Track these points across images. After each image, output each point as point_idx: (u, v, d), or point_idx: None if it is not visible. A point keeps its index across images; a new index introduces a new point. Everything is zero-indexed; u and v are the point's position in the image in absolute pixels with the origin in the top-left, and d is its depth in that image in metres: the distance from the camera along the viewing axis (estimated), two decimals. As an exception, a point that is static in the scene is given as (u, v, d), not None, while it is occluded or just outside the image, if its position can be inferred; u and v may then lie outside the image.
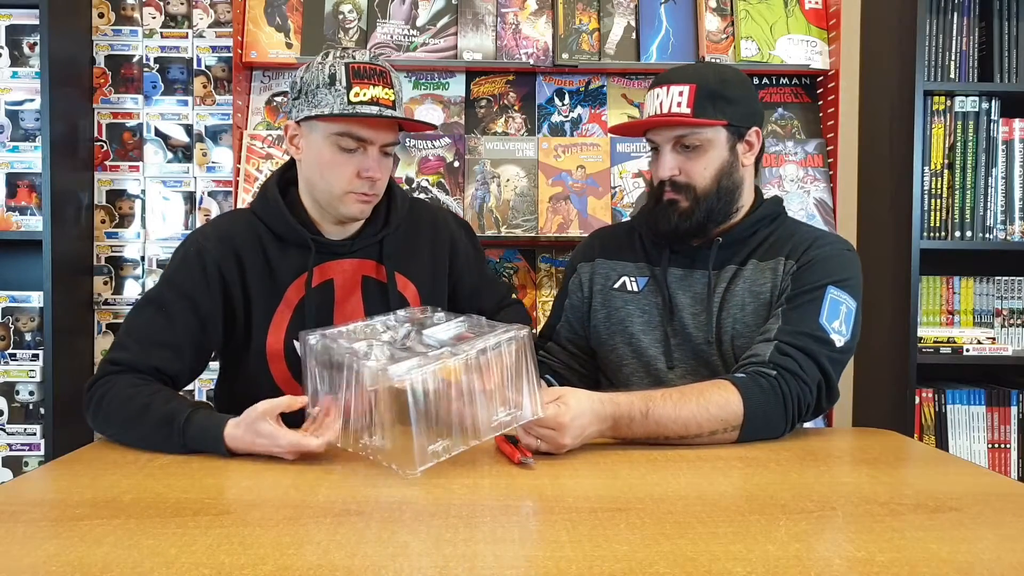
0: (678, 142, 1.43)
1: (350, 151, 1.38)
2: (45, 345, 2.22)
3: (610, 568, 0.76)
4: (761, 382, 1.28)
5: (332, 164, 1.39)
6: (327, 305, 1.47)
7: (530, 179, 2.31)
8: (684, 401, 1.24)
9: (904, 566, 0.77)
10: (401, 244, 1.53)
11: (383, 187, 1.45)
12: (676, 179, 1.45)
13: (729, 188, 1.45)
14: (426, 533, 0.87)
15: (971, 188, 2.30)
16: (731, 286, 1.46)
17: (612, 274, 1.58)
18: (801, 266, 1.41)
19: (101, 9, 2.46)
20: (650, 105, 1.46)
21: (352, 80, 1.35)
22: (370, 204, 1.45)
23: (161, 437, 1.23)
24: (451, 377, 1.07)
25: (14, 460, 2.28)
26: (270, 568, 0.76)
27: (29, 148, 2.30)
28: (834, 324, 1.35)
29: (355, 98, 1.34)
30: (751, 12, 2.37)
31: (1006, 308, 2.38)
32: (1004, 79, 2.31)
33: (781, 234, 1.49)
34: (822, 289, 1.37)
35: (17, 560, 0.79)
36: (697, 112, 1.40)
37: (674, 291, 1.50)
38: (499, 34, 2.35)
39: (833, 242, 1.46)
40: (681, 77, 1.43)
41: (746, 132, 1.47)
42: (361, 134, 1.37)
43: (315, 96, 1.36)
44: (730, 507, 0.96)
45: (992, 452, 2.30)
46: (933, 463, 1.24)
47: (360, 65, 1.36)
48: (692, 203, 1.44)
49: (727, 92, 1.43)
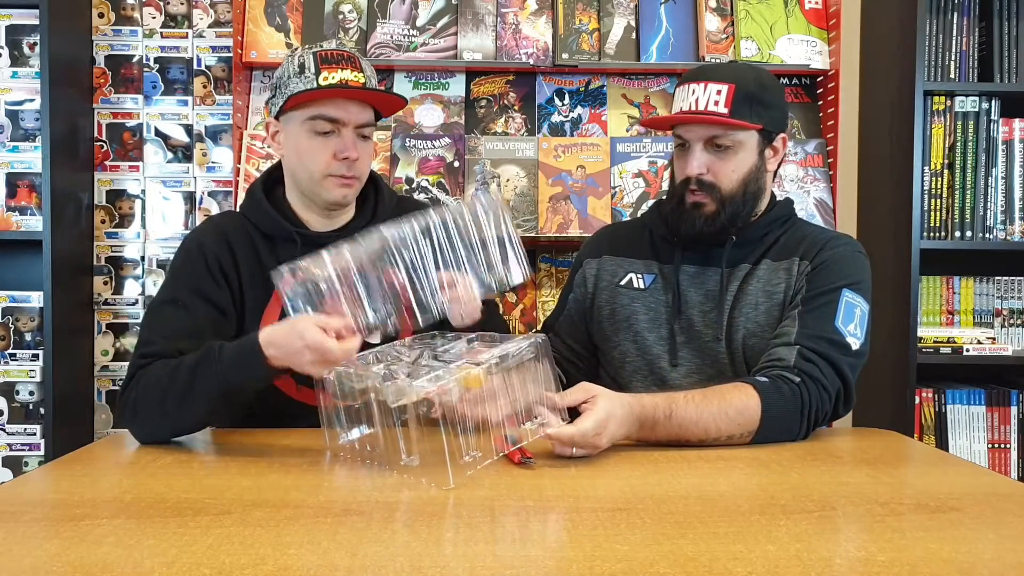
0: (710, 141, 1.41)
1: (325, 134, 1.40)
2: (45, 345, 2.22)
3: (610, 568, 0.76)
4: (783, 388, 1.28)
5: (310, 149, 1.42)
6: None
7: (530, 179, 2.31)
8: (706, 404, 1.24)
9: (904, 566, 0.77)
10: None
11: (363, 169, 1.46)
12: (703, 178, 1.42)
13: (754, 193, 1.45)
14: (426, 533, 0.87)
15: (971, 188, 2.30)
16: (745, 285, 1.45)
17: (619, 271, 1.57)
18: (816, 267, 1.41)
19: (101, 9, 2.46)
20: (683, 100, 1.43)
21: (320, 65, 1.38)
22: (351, 188, 1.45)
23: (201, 384, 1.21)
24: (475, 385, 1.06)
25: (14, 460, 2.28)
26: (270, 568, 0.76)
27: (29, 148, 2.30)
28: (850, 327, 1.35)
29: (324, 81, 1.37)
30: (751, 12, 2.37)
31: (1006, 308, 2.38)
32: (1004, 79, 2.31)
33: (794, 235, 1.49)
34: (837, 292, 1.37)
35: (17, 560, 0.79)
36: (735, 113, 1.39)
37: (685, 288, 1.49)
38: (499, 34, 2.36)
39: (846, 243, 1.46)
40: (720, 75, 1.41)
41: (775, 137, 1.46)
42: (332, 114, 1.39)
43: (287, 87, 1.41)
44: (730, 507, 0.96)
45: (992, 452, 2.30)
46: (933, 463, 1.24)
47: (327, 52, 1.40)
48: (718, 205, 1.42)
49: (764, 96, 1.41)
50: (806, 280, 1.41)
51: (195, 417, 1.28)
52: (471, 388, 1.06)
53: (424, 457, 1.06)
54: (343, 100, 1.39)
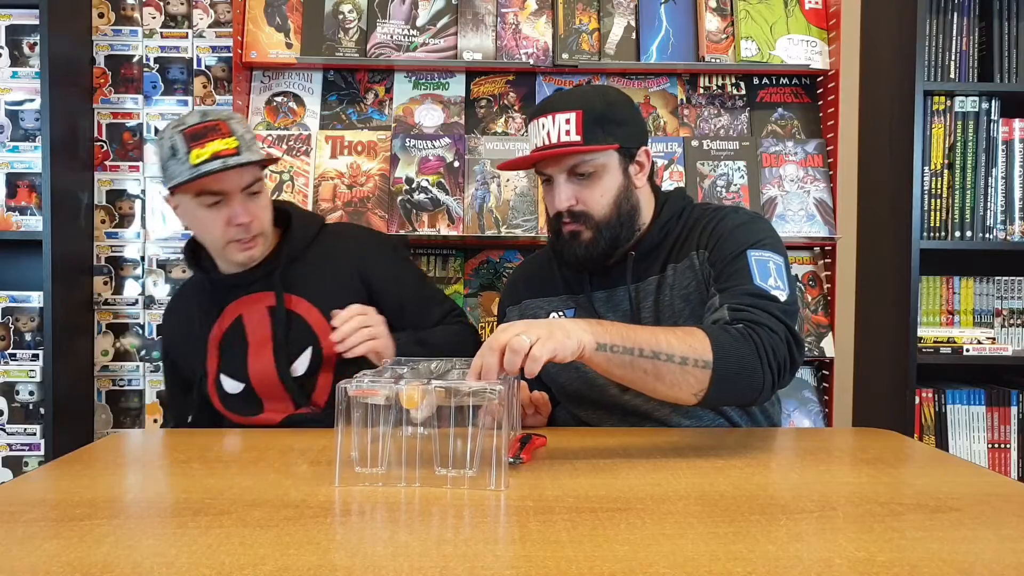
0: (572, 171, 1.39)
1: (214, 205, 1.47)
2: (45, 345, 2.22)
3: (610, 568, 0.76)
4: (730, 330, 1.21)
5: (204, 221, 1.50)
6: (240, 339, 1.59)
7: (530, 179, 2.31)
8: (657, 330, 1.18)
9: (904, 566, 0.77)
10: (298, 269, 1.60)
11: (261, 226, 1.53)
12: (574, 209, 1.40)
13: (628, 211, 1.42)
14: (426, 533, 0.87)
15: (971, 188, 2.30)
16: (659, 295, 1.43)
17: (540, 312, 1.55)
18: (712, 249, 1.38)
19: (101, 9, 2.46)
20: (536, 136, 1.40)
21: (190, 145, 1.44)
22: (254, 247, 1.53)
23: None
24: (411, 405, 1.03)
25: (14, 460, 2.28)
26: (270, 568, 0.76)
27: (29, 148, 2.30)
28: (769, 282, 1.30)
29: (196, 159, 1.43)
30: (751, 12, 2.37)
31: (1006, 308, 2.38)
32: (1004, 79, 2.31)
33: (687, 228, 1.45)
34: (742, 256, 1.33)
35: (17, 560, 0.79)
36: (588, 138, 1.36)
37: (603, 314, 1.47)
38: (499, 34, 2.36)
39: (732, 212, 1.43)
40: (565, 104, 1.38)
41: (636, 152, 1.43)
42: (213, 188, 1.46)
43: (167, 171, 1.48)
44: (730, 507, 0.96)
45: (992, 452, 2.30)
46: (933, 463, 1.23)
47: (192, 128, 1.45)
48: (594, 232, 1.40)
49: (614, 114, 1.39)
50: (710, 264, 1.37)
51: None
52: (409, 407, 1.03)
53: (457, 460, 1.04)
54: (219, 174, 1.44)
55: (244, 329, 1.58)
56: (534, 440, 1.21)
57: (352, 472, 1.05)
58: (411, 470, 1.04)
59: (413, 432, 1.04)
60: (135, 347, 2.45)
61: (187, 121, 1.46)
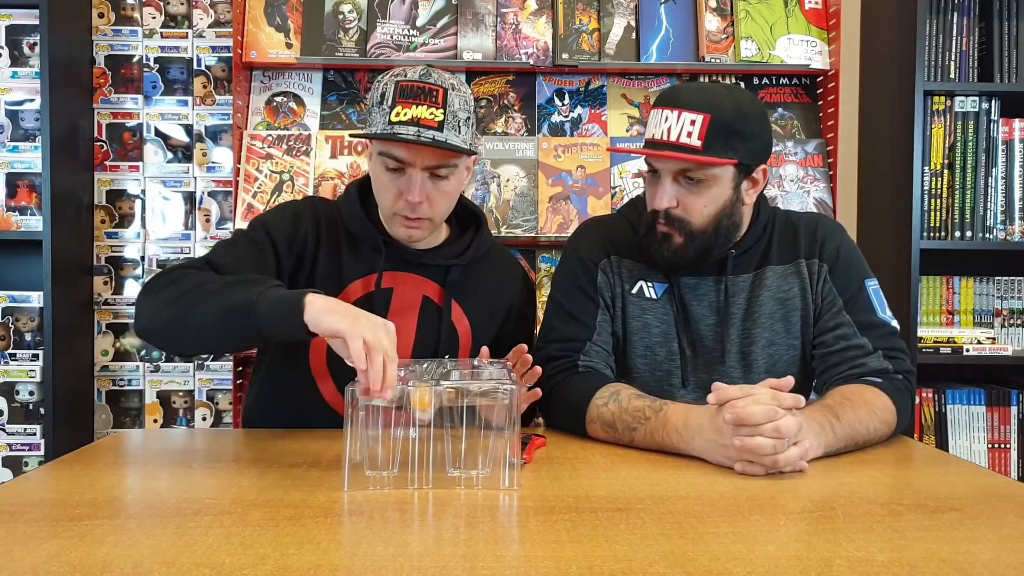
0: (681, 173, 1.32)
1: (394, 171, 1.35)
2: (45, 345, 2.22)
3: (610, 568, 0.76)
4: (898, 384, 1.33)
5: (380, 183, 1.39)
6: (381, 312, 1.40)
7: (530, 179, 2.31)
8: (854, 406, 1.24)
9: (904, 566, 0.77)
10: (469, 277, 1.49)
11: (435, 211, 1.38)
12: (672, 212, 1.34)
13: (727, 227, 1.36)
14: (426, 533, 0.87)
15: (971, 188, 2.30)
16: (752, 293, 1.41)
17: (628, 276, 1.45)
18: (832, 268, 1.41)
19: (101, 9, 2.46)
20: (655, 126, 1.33)
21: (397, 99, 1.31)
22: (418, 229, 1.39)
23: (230, 296, 1.14)
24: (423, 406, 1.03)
25: (14, 460, 2.28)
26: (270, 568, 0.76)
27: (29, 148, 2.30)
28: (886, 314, 1.41)
29: (395, 118, 1.30)
30: (751, 12, 2.37)
31: (1006, 308, 2.38)
32: (1004, 79, 2.31)
33: (785, 231, 1.45)
34: (861, 286, 1.40)
35: (17, 560, 0.79)
36: (708, 147, 1.28)
37: (688, 301, 1.41)
38: (499, 34, 2.36)
39: (833, 228, 1.47)
40: (696, 103, 1.29)
41: (754, 170, 1.36)
42: (397, 154, 1.33)
43: (370, 114, 1.36)
44: (730, 507, 0.96)
45: (992, 452, 2.30)
46: (933, 463, 1.23)
47: (409, 84, 1.32)
48: (686, 239, 1.35)
49: (743, 127, 1.30)
50: (831, 283, 1.41)
51: (200, 327, 1.17)
52: (423, 408, 1.02)
53: (468, 461, 1.05)
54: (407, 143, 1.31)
55: (390, 303, 1.44)
56: (534, 440, 1.21)
57: (362, 476, 1.04)
58: (422, 472, 1.04)
59: (422, 434, 1.04)
60: (135, 347, 2.45)
61: (409, 74, 1.33)
